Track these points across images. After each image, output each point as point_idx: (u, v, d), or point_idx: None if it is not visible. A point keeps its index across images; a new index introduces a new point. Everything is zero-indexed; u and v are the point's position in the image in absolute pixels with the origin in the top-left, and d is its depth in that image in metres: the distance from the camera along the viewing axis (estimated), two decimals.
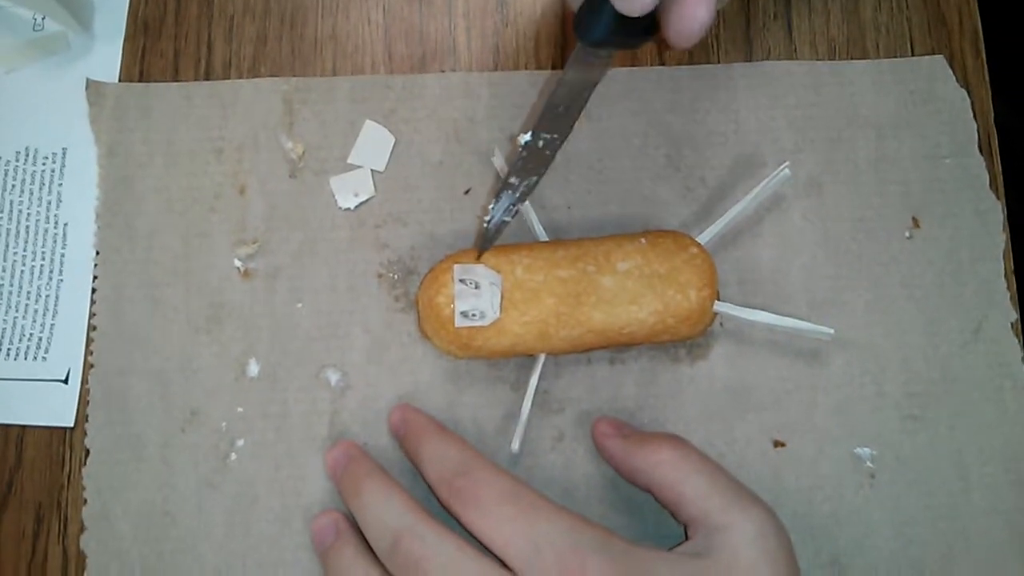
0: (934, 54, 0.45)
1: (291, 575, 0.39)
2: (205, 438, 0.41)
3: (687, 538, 0.35)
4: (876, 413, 0.41)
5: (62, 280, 0.43)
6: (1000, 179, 0.44)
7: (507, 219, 0.39)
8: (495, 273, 0.38)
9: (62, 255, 0.43)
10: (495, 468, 0.35)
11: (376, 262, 0.42)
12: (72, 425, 0.41)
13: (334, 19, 0.46)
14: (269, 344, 0.41)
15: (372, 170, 0.43)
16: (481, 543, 0.33)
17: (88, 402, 0.41)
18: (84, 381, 0.41)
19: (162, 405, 0.41)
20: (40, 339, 0.42)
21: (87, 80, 0.44)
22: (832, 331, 0.41)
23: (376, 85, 0.44)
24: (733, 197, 0.43)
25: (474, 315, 0.38)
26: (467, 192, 0.43)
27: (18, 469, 0.41)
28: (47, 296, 0.43)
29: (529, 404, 0.40)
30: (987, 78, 0.45)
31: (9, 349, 0.42)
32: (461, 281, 0.38)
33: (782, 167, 0.42)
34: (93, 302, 0.42)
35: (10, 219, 0.44)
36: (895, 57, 0.45)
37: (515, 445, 0.40)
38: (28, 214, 0.44)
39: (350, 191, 0.43)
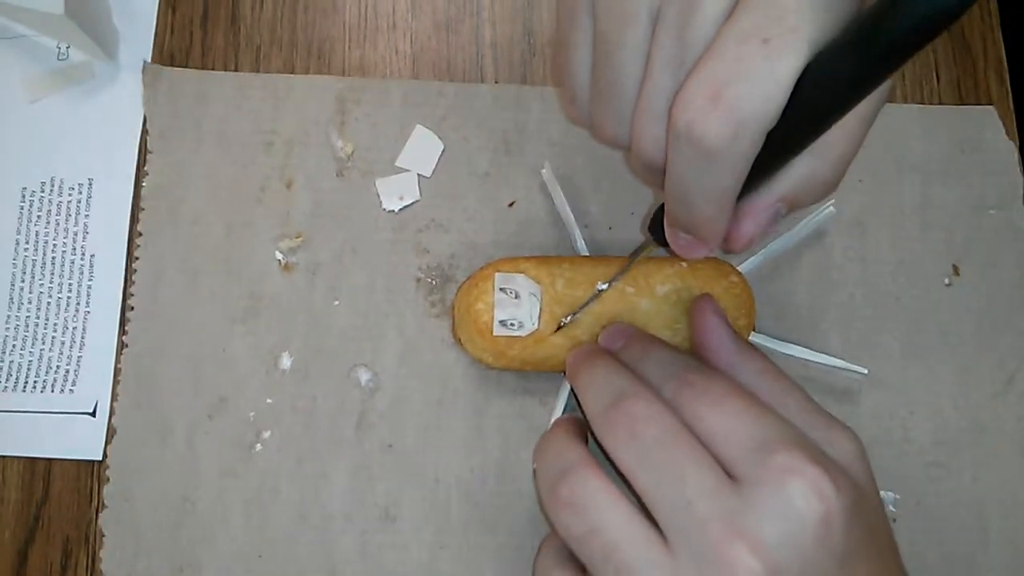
0: (959, 81, 0.46)
1: (305, 573, 0.39)
2: (232, 427, 0.41)
3: None
4: (902, 458, 0.41)
5: (89, 312, 0.42)
6: None
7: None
8: (535, 284, 0.38)
9: (89, 287, 0.43)
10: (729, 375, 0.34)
11: (415, 266, 0.43)
12: (100, 458, 0.41)
13: (362, 50, 0.46)
14: (303, 339, 0.42)
15: (419, 175, 0.43)
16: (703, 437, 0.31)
17: (119, 381, 0.41)
18: (111, 413, 0.41)
19: (192, 390, 0.41)
20: (67, 372, 0.42)
21: (144, 62, 0.44)
22: (866, 371, 0.41)
23: (429, 91, 0.44)
24: (775, 230, 0.43)
25: (512, 324, 0.38)
26: (511, 205, 0.43)
27: (46, 503, 0.41)
28: (74, 328, 0.42)
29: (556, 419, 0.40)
30: (1012, 105, 0.45)
31: (36, 382, 0.42)
32: (502, 290, 0.38)
33: (827, 204, 0.42)
34: (132, 282, 0.42)
35: (36, 250, 0.43)
36: (921, 82, 0.46)
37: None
38: (54, 245, 0.43)
39: (395, 194, 0.43)
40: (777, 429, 0.30)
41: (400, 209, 0.43)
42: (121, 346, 0.42)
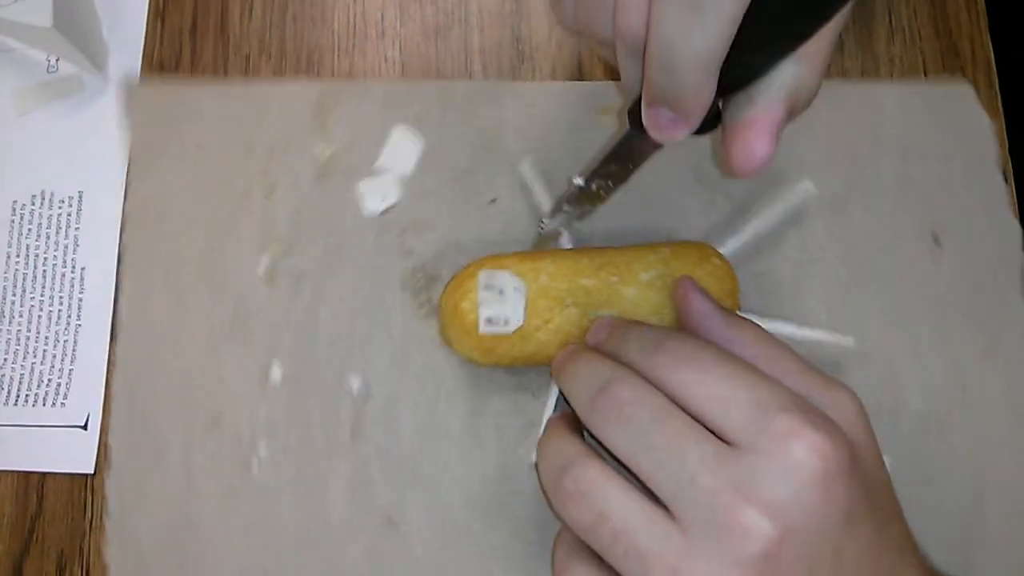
0: (942, 55, 0.46)
1: None
2: (227, 444, 0.41)
3: None
4: (894, 427, 0.42)
5: (80, 325, 0.42)
6: (1015, 204, 0.44)
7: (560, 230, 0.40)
8: (519, 280, 0.38)
9: (80, 299, 0.43)
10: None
11: (400, 268, 0.43)
12: (92, 471, 0.41)
13: (351, 58, 0.46)
14: (292, 349, 0.41)
15: (400, 175, 0.43)
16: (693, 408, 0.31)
17: (111, 401, 0.41)
18: (104, 430, 0.41)
19: (184, 407, 0.41)
20: (59, 385, 0.42)
21: (124, 78, 0.44)
22: (852, 340, 0.41)
23: (407, 91, 0.44)
24: (756, 211, 0.43)
25: (498, 321, 0.38)
26: (493, 201, 0.43)
27: (40, 516, 0.41)
28: (65, 341, 0.42)
29: (550, 413, 0.40)
30: (1001, 108, 0.46)
31: (28, 395, 0.42)
32: (486, 287, 0.38)
33: (806, 183, 0.42)
34: (117, 300, 0.42)
35: (27, 264, 0.43)
36: (903, 56, 0.46)
37: (535, 456, 0.40)
38: (45, 258, 0.43)
39: (377, 196, 0.43)
40: (770, 393, 0.30)
41: (382, 211, 0.43)
42: (111, 365, 0.41)
